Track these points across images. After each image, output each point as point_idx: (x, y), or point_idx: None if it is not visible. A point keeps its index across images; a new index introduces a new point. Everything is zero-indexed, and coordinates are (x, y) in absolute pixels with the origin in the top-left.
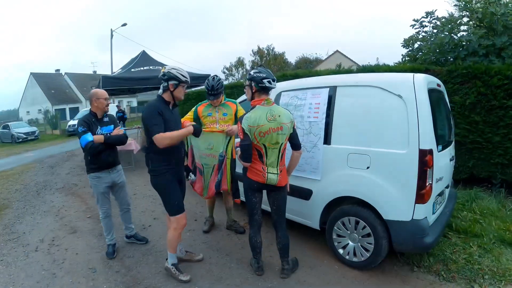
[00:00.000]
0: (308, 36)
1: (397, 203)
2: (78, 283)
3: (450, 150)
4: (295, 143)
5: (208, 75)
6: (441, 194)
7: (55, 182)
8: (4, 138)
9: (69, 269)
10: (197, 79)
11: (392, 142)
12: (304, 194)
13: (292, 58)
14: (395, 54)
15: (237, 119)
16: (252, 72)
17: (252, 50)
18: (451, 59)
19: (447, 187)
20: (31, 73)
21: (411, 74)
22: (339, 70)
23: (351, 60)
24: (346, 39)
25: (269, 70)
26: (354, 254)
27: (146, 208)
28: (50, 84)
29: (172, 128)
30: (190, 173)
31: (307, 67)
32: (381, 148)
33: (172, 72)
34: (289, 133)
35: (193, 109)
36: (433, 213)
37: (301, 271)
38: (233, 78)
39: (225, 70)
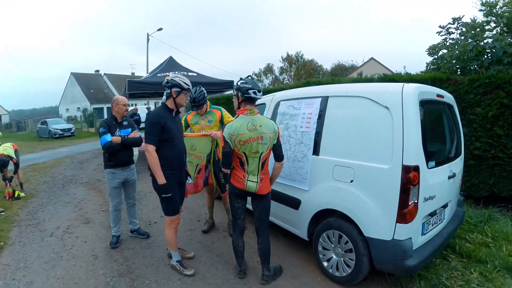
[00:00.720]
0: (345, 43)
1: (378, 220)
2: (79, 267)
3: (451, 167)
4: (277, 154)
5: (232, 82)
6: (433, 214)
7: (81, 177)
8: (42, 134)
9: (75, 254)
10: (223, 84)
11: (376, 156)
12: (294, 203)
13: (328, 64)
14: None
15: (223, 124)
16: (239, 83)
17: (281, 57)
18: (475, 68)
19: (444, 206)
20: (71, 73)
21: (401, 84)
22: (360, 78)
23: (386, 68)
24: (385, 46)
25: (255, 81)
26: (337, 269)
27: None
28: (89, 84)
29: (174, 134)
30: (188, 177)
31: (342, 74)
32: (365, 161)
33: (175, 79)
34: (272, 144)
35: (184, 117)
36: (423, 234)
37: (283, 279)
38: (262, 84)
39: (253, 76)
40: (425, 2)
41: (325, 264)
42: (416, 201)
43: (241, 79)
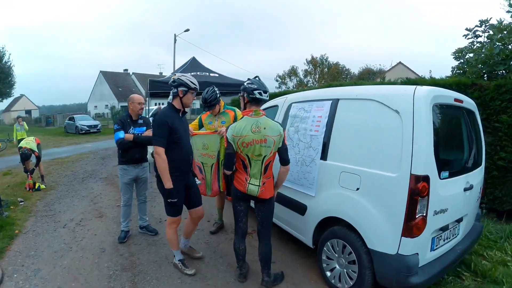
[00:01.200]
0: (374, 47)
1: (382, 232)
2: (86, 258)
3: (468, 178)
4: (282, 158)
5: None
6: (445, 228)
7: (101, 172)
8: (69, 129)
9: (84, 246)
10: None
11: (384, 163)
12: (300, 209)
13: (356, 68)
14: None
15: None
16: (245, 83)
17: (306, 59)
18: (502, 73)
19: (459, 220)
20: (100, 71)
21: (414, 86)
22: (382, 82)
23: (414, 72)
24: (415, 50)
25: (261, 81)
26: (339, 280)
27: None
28: (117, 82)
29: (182, 135)
30: (195, 178)
31: (370, 78)
32: (372, 169)
33: (182, 79)
34: (277, 147)
35: (198, 117)
36: (432, 249)
37: (284, 286)
38: (286, 86)
39: (277, 78)
40: (457, 5)
41: (328, 274)
42: (424, 214)
43: (248, 79)
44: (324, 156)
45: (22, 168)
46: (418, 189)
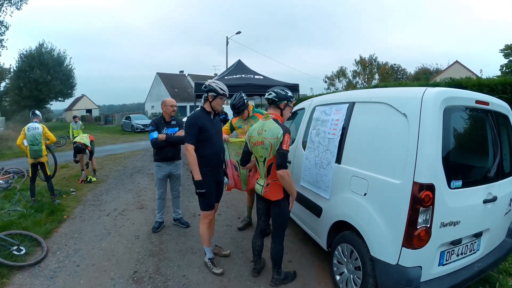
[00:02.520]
0: (430, 46)
1: (384, 240)
2: (121, 243)
3: (490, 188)
4: (276, 161)
5: (297, 85)
6: (457, 242)
7: (149, 169)
8: (125, 127)
9: (121, 232)
10: (289, 87)
11: (390, 168)
12: (316, 210)
13: (411, 68)
14: None
15: None
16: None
17: (355, 60)
18: None
19: (477, 235)
20: (157, 73)
21: (424, 88)
22: (426, 84)
23: (470, 71)
24: (471, 49)
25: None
26: (346, 285)
27: None
28: (173, 83)
29: (212, 135)
30: (225, 177)
31: (426, 78)
32: (379, 174)
33: (212, 85)
34: (275, 150)
35: (229, 121)
36: (441, 264)
37: (294, 285)
38: (334, 87)
39: (326, 79)
40: None
41: (338, 277)
42: (427, 226)
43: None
44: (338, 160)
45: (76, 161)
46: (421, 198)
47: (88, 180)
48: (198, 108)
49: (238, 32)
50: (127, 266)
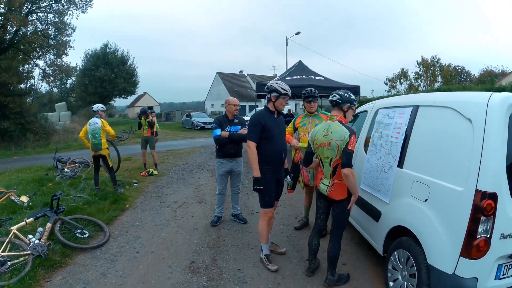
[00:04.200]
0: (495, 47)
1: (443, 248)
2: (180, 234)
3: None
4: (342, 160)
5: (358, 87)
6: None
7: (209, 165)
8: (186, 125)
9: (180, 224)
10: (349, 89)
11: (453, 175)
12: (375, 214)
13: (475, 70)
14: None
15: None
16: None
17: (416, 61)
18: None
19: None
20: (217, 72)
21: (489, 93)
22: (491, 87)
23: None
24: None
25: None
26: None
27: None
28: (233, 82)
29: (275, 134)
30: (287, 176)
31: (491, 81)
32: (441, 180)
33: (274, 85)
34: (341, 151)
35: (292, 121)
36: (498, 278)
37: (346, 287)
38: (396, 90)
39: (387, 81)
40: None
41: (391, 284)
42: (488, 236)
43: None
44: (400, 164)
45: (140, 156)
46: (482, 207)
47: (150, 173)
48: (260, 108)
49: (298, 33)
50: (185, 256)
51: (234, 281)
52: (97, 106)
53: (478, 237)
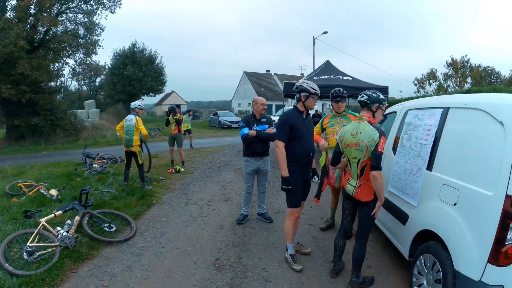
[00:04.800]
0: None
1: (470, 254)
2: (205, 231)
3: None
4: (371, 162)
5: (387, 87)
6: None
7: (235, 163)
8: (213, 123)
9: (206, 221)
10: (377, 90)
11: (483, 179)
12: (402, 217)
13: (506, 71)
14: None
15: None
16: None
17: (446, 61)
18: None
19: None
20: (244, 72)
21: None
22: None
23: None
24: None
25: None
26: None
27: None
28: (260, 82)
29: (303, 134)
30: (315, 176)
31: None
32: (471, 184)
33: (303, 85)
34: (370, 152)
35: (319, 121)
36: None
37: None
38: (424, 91)
39: (415, 82)
40: None
41: None
42: None
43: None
44: (429, 167)
45: (167, 153)
46: None
47: (177, 170)
48: (287, 107)
49: (325, 32)
50: (210, 253)
51: (258, 280)
52: (134, 104)
53: (506, 243)
